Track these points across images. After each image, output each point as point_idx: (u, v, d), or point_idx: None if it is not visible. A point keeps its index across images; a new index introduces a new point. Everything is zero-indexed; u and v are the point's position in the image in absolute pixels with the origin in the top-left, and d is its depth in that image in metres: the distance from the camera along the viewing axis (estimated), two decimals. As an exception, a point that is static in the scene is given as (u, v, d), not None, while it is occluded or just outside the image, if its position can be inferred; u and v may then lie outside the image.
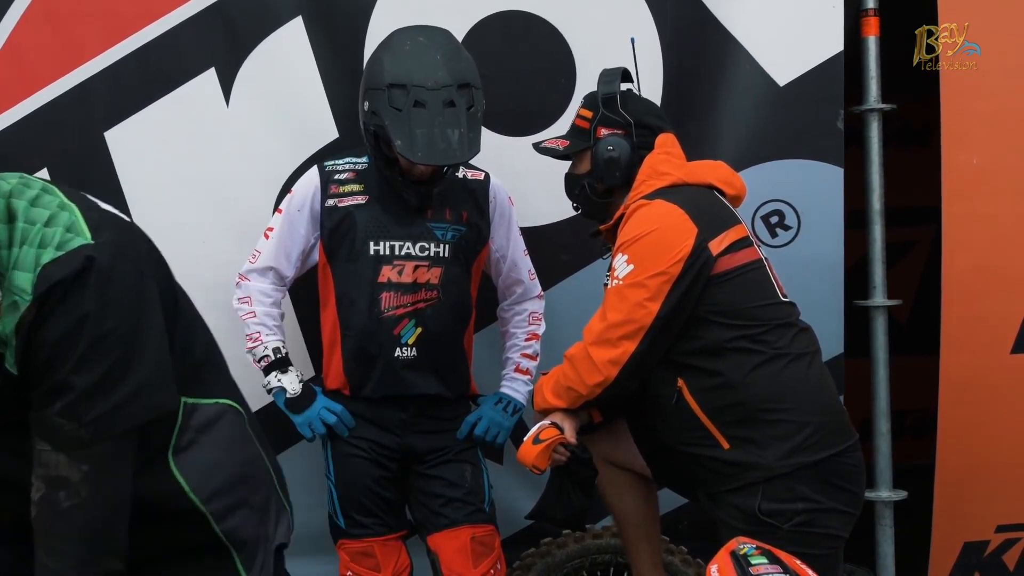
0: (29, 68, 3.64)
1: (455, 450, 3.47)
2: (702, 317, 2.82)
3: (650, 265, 2.78)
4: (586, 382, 2.88)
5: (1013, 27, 3.69)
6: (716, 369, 2.81)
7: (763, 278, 2.90)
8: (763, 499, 2.75)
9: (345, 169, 3.39)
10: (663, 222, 2.82)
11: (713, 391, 2.81)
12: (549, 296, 3.71)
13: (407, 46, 3.20)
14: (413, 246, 3.34)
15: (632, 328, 2.80)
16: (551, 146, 3.23)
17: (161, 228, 3.56)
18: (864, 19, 3.76)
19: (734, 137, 3.80)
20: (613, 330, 2.83)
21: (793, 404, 2.78)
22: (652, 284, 2.77)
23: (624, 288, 2.82)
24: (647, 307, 2.78)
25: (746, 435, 2.78)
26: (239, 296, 3.42)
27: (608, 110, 3.10)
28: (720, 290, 2.82)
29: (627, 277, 2.81)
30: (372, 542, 3.41)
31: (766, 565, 1.94)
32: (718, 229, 2.85)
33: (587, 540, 3.75)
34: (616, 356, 2.83)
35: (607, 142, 3.08)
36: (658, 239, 2.80)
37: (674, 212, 2.83)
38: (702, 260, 2.80)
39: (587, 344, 2.89)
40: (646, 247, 2.81)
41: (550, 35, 3.79)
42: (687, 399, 2.83)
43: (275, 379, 3.40)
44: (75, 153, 3.67)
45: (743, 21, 3.79)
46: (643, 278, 2.79)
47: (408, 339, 3.34)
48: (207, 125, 3.71)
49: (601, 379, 2.85)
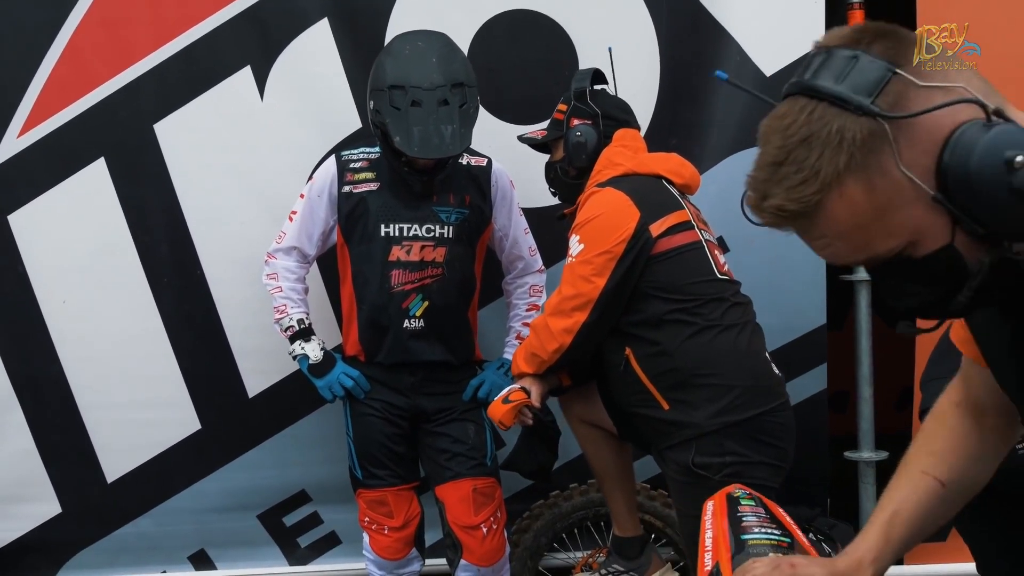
0: (86, 68, 3.97)
1: (460, 410, 3.79)
2: (644, 292, 3.15)
3: (597, 244, 3.12)
4: (546, 348, 3.23)
5: (992, 23, 3.83)
6: (655, 339, 3.13)
7: (700, 257, 3.19)
8: (696, 453, 3.08)
9: (359, 158, 3.69)
10: (610, 207, 3.15)
11: (653, 358, 3.13)
12: (553, 272, 3.96)
13: (406, 50, 3.51)
14: (420, 228, 3.65)
15: (582, 300, 3.14)
16: (531, 136, 3.58)
17: (203, 210, 4.04)
18: (850, 12, 3.95)
19: (725, 124, 4.03)
20: (566, 302, 3.18)
21: (722, 370, 3.09)
22: (598, 261, 3.11)
23: (575, 265, 3.16)
24: (594, 282, 3.12)
25: (681, 397, 3.11)
26: (267, 273, 3.74)
27: (579, 102, 3.42)
28: (659, 268, 3.13)
29: (578, 255, 3.16)
30: (386, 492, 3.76)
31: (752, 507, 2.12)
32: (659, 214, 3.16)
33: (591, 493, 4.01)
34: (569, 325, 3.18)
35: (576, 129, 3.40)
36: (605, 222, 3.14)
37: (620, 198, 3.15)
38: (643, 241, 3.12)
39: (546, 315, 3.25)
40: (594, 229, 3.15)
41: (554, 31, 4.05)
42: (633, 366, 3.16)
43: (299, 347, 3.72)
44: (128, 144, 4.01)
45: (734, 15, 4.02)
46: (591, 256, 3.13)
47: (416, 312, 3.67)
48: (243, 118, 4.02)
49: (557, 346, 3.21)
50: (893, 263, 1.36)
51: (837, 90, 1.30)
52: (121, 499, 4.21)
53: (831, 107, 1.29)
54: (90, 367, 4.11)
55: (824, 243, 1.37)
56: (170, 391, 4.12)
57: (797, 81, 1.35)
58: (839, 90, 1.30)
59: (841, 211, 1.31)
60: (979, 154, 1.25)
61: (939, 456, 1.78)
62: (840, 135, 1.28)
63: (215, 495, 4.21)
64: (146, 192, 4.05)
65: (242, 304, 4.07)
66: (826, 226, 1.33)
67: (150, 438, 4.17)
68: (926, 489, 1.76)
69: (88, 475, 4.18)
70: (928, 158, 1.29)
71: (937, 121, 1.28)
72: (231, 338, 4.11)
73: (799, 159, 1.30)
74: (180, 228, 4.05)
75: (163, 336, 4.10)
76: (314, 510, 4.28)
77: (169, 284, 4.09)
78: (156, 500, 4.23)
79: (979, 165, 1.25)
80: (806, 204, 1.31)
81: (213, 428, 4.17)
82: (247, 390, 4.15)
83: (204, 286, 4.08)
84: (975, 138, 1.26)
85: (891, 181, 1.29)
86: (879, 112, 1.27)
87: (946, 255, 1.32)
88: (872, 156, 1.28)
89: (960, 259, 1.33)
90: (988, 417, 1.78)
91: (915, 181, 1.28)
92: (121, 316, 4.08)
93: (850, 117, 1.28)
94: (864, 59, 1.31)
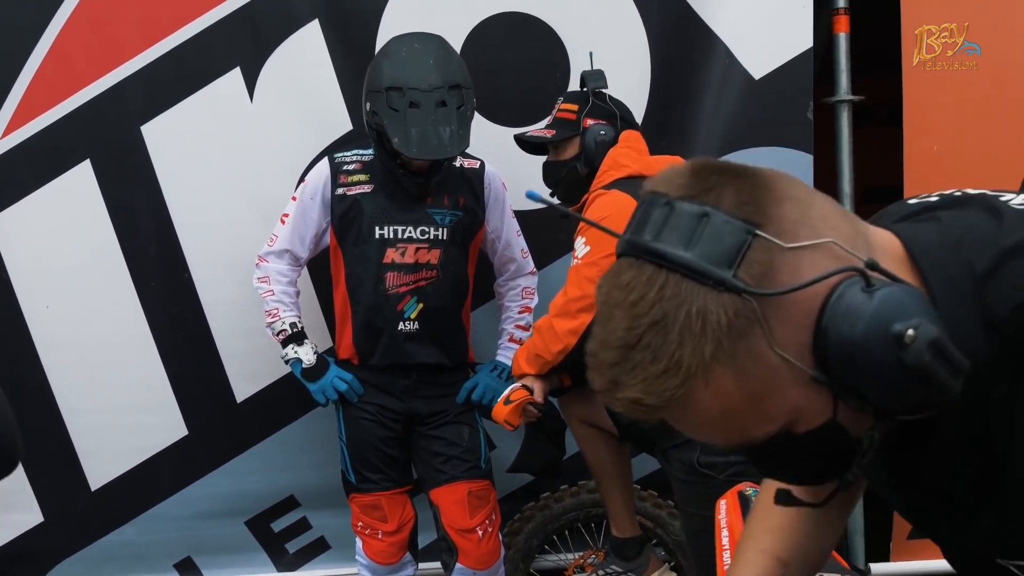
0: (73, 68, 3.90)
1: (454, 413, 3.78)
2: None
3: (604, 246, 3.13)
4: (551, 349, 3.24)
5: (977, 21, 3.88)
6: None
7: None
8: (701, 452, 3.10)
9: (353, 160, 3.68)
10: (616, 209, 3.15)
11: None
12: (544, 274, 3.99)
13: (403, 52, 3.51)
14: (414, 230, 3.64)
15: (588, 302, 3.15)
16: (538, 135, 3.52)
17: (191, 213, 3.99)
18: (836, 17, 3.99)
19: (714, 125, 4.05)
20: (572, 303, 3.19)
21: None
22: (605, 263, 3.10)
23: (581, 267, 3.18)
24: None
25: None
26: (258, 276, 3.71)
27: (599, 101, 3.44)
28: None
29: (584, 257, 3.17)
30: (380, 496, 3.74)
31: None
32: None
33: (583, 494, 4.02)
34: (575, 327, 3.19)
35: (598, 127, 3.41)
36: (610, 224, 3.12)
37: (626, 200, 3.16)
38: None
39: (551, 316, 3.26)
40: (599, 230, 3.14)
41: (546, 34, 4.04)
42: None
43: (292, 351, 3.70)
44: (115, 145, 3.95)
45: (723, 19, 4.03)
46: (597, 258, 3.14)
47: (411, 314, 3.65)
48: (233, 119, 3.97)
49: (562, 347, 3.22)
50: (768, 445, 1.17)
51: (689, 260, 1.07)
52: (105, 507, 4.14)
53: (685, 280, 1.08)
54: (74, 372, 4.04)
55: (692, 430, 1.17)
56: (156, 396, 4.06)
57: (634, 241, 1.16)
58: (692, 260, 1.07)
59: (709, 401, 1.11)
60: (863, 329, 1.07)
61: (776, 533, 1.66)
62: (702, 319, 1.06)
63: (202, 501, 4.15)
64: (133, 194, 3.99)
65: (230, 307, 4.02)
66: (692, 417, 1.14)
67: (136, 444, 4.10)
68: (765, 569, 1.64)
69: (71, 482, 4.10)
70: (803, 334, 1.10)
71: (809, 290, 1.09)
72: (219, 342, 4.06)
73: (654, 346, 1.08)
74: (167, 230, 3.99)
75: (149, 340, 4.04)
76: (303, 515, 4.23)
77: (156, 287, 4.03)
78: (141, 507, 4.16)
79: (864, 340, 1.07)
80: (668, 398, 1.09)
81: (200, 433, 4.12)
82: (235, 394, 4.10)
83: (192, 289, 4.02)
84: (856, 307, 1.08)
85: (764, 366, 1.09)
86: (745, 288, 1.06)
87: (829, 430, 1.15)
88: (741, 341, 1.08)
89: (844, 432, 1.16)
90: None
91: (792, 362, 1.10)
92: (106, 319, 4.02)
93: (710, 295, 1.07)
94: (716, 218, 1.09)
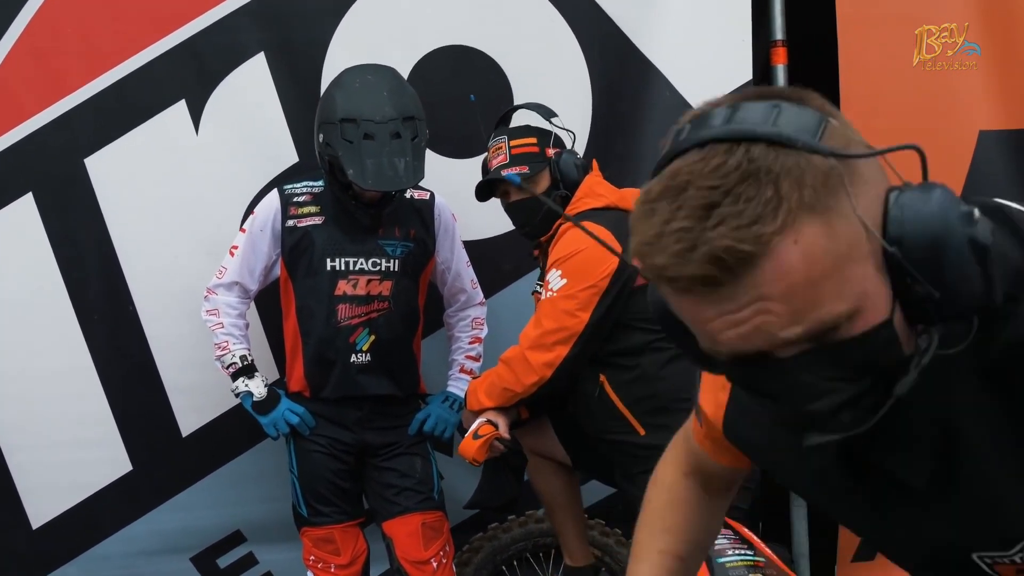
0: (15, 100, 3.85)
1: (406, 444, 3.77)
2: (625, 323, 3.22)
3: (581, 279, 3.17)
4: (523, 382, 3.25)
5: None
6: (635, 363, 3.20)
7: None
8: None
9: (303, 192, 3.67)
10: (592, 241, 3.19)
11: (629, 385, 3.21)
12: (491, 303, 4.01)
13: (357, 83, 3.51)
14: (366, 262, 3.64)
15: (565, 335, 3.19)
16: (515, 172, 3.46)
17: (136, 245, 3.96)
18: (773, 50, 4.09)
19: (656, 155, 4.06)
20: (548, 336, 3.21)
21: None
22: (583, 296, 3.17)
23: (558, 299, 3.20)
24: (579, 316, 3.17)
25: (660, 422, 3.16)
26: (207, 308, 3.68)
27: (562, 129, 3.52)
28: (641, 299, 3.19)
29: (561, 290, 3.20)
30: (332, 529, 3.71)
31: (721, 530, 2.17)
32: None
33: (530, 524, 4.04)
34: (551, 359, 3.21)
35: (569, 155, 3.47)
36: (589, 256, 3.19)
37: (602, 232, 3.18)
38: (626, 275, 3.19)
39: (523, 349, 3.26)
40: (578, 264, 3.19)
41: (489, 67, 4.09)
42: (608, 392, 3.22)
43: (242, 384, 3.67)
44: (58, 178, 3.91)
45: (663, 52, 4.10)
46: (575, 291, 3.18)
47: (363, 346, 3.65)
48: (178, 151, 3.94)
49: (536, 379, 3.24)
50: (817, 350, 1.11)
51: (776, 130, 1.08)
52: (46, 546, 4.06)
53: (771, 146, 1.07)
54: (15, 406, 3.96)
55: (755, 310, 1.09)
56: (100, 431, 4.00)
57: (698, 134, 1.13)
58: (778, 130, 1.08)
59: (795, 260, 1.06)
60: (936, 203, 1.09)
61: (674, 532, 1.76)
62: (799, 170, 1.06)
63: (146, 538, 4.10)
64: (76, 227, 3.94)
65: (176, 340, 3.98)
66: (769, 282, 1.07)
67: (78, 480, 4.04)
68: (668, 569, 1.73)
69: (11, 520, 4.02)
70: (876, 208, 1.11)
71: (873, 173, 1.13)
72: (164, 375, 4.02)
73: (747, 195, 1.05)
74: (111, 263, 3.95)
75: (93, 374, 3.98)
76: (249, 550, 4.20)
77: (100, 320, 3.98)
78: (83, 546, 4.09)
79: (937, 214, 1.09)
80: (761, 245, 1.05)
81: (145, 468, 4.06)
82: (180, 428, 4.05)
83: (136, 322, 3.98)
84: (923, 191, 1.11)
85: (849, 228, 1.08)
86: (831, 150, 1.08)
87: (884, 333, 1.11)
88: (832, 198, 1.07)
89: (897, 341, 1.13)
90: (715, 481, 1.77)
91: (871, 231, 1.09)
92: (49, 353, 3.95)
93: (801, 155, 1.07)
94: (787, 107, 1.11)
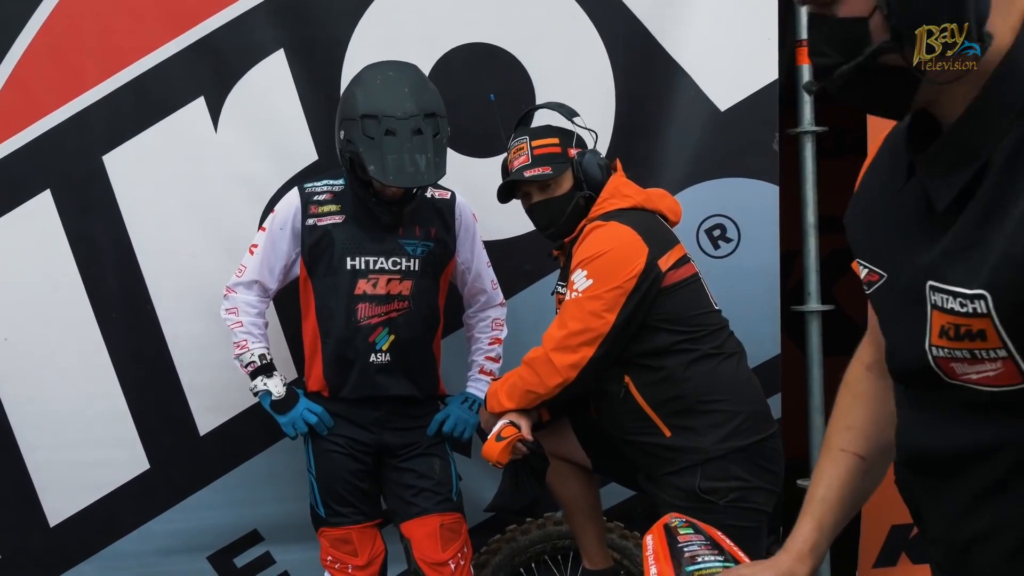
0: (33, 97, 3.85)
1: (425, 445, 3.73)
2: (651, 324, 3.17)
3: (608, 280, 3.12)
4: (547, 384, 3.20)
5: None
6: (661, 365, 3.16)
7: (700, 289, 3.27)
8: (701, 479, 3.11)
9: (323, 191, 3.64)
10: (619, 241, 3.16)
11: (655, 386, 3.16)
12: (511, 304, 3.98)
13: (378, 80, 3.48)
14: (386, 261, 3.61)
15: (591, 336, 3.13)
16: (538, 173, 3.39)
17: (154, 243, 3.94)
18: (799, 49, 4.04)
19: (680, 157, 4.08)
20: (573, 337, 3.16)
21: (726, 396, 3.15)
22: (609, 297, 3.12)
23: (583, 300, 3.15)
24: (605, 317, 3.12)
25: (686, 424, 3.14)
26: (226, 307, 3.66)
27: (584, 129, 3.47)
28: (667, 300, 3.17)
29: (586, 291, 3.15)
30: (350, 529, 3.68)
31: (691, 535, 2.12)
32: (665, 248, 3.21)
33: (549, 527, 4.02)
34: (576, 360, 3.16)
35: (592, 154, 3.42)
36: (615, 257, 3.15)
37: (629, 233, 3.17)
38: (653, 275, 3.15)
39: (548, 350, 3.20)
40: (604, 264, 3.15)
41: (511, 65, 4.06)
42: (633, 393, 3.18)
43: (261, 383, 3.65)
44: (76, 175, 3.89)
45: (688, 52, 4.07)
46: (601, 291, 3.13)
47: (382, 346, 3.62)
48: (197, 149, 3.94)
49: (561, 380, 3.18)
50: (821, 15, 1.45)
51: None
52: (63, 544, 4.04)
53: None
54: (34, 406, 3.95)
55: None
56: (118, 430, 3.98)
57: None
58: None
59: None
60: None
61: (856, 430, 1.81)
62: None
63: (163, 537, 4.08)
64: (94, 225, 3.93)
65: (194, 339, 3.97)
66: None
67: (96, 479, 4.02)
68: (848, 467, 1.78)
69: (29, 519, 4.01)
70: None
71: None
72: (182, 374, 4.00)
73: None
74: (129, 262, 3.93)
75: (111, 373, 3.96)
76: (266, 550, 4.18)
77: (118, 319, 3.96)
78: (100, 544, 4.07)
79: None
80: None
81: (162, 467, 4.04)
82: (198, 428, 4.03)
83: (154, 321, 3.96)
84: None
85: None
86: None
87: (856, 27, 1.42)
88: None
89: (866, 36, 1.41)
90: None
91: None
92: (67, 352, 3.94)
93: None
94: None
